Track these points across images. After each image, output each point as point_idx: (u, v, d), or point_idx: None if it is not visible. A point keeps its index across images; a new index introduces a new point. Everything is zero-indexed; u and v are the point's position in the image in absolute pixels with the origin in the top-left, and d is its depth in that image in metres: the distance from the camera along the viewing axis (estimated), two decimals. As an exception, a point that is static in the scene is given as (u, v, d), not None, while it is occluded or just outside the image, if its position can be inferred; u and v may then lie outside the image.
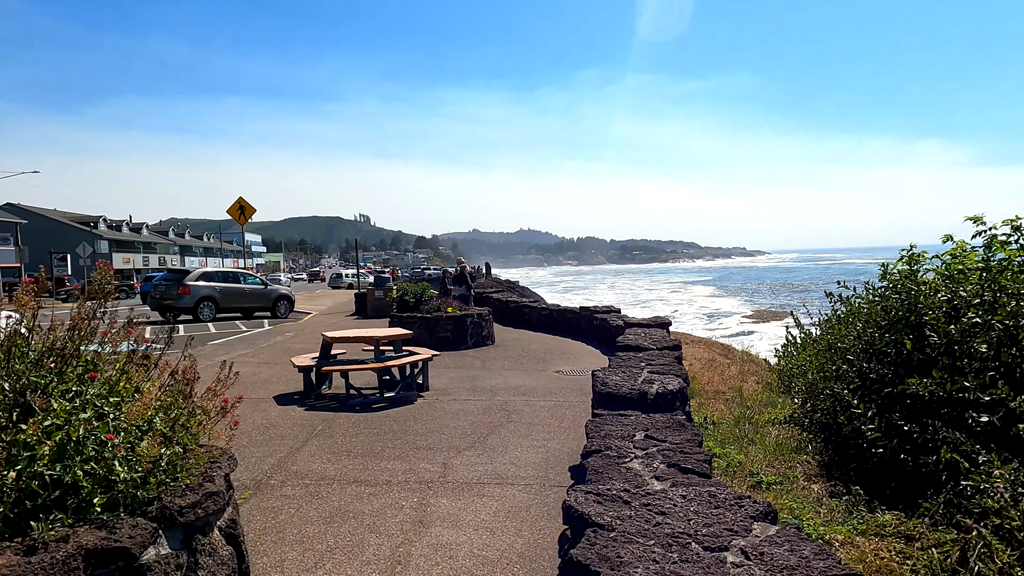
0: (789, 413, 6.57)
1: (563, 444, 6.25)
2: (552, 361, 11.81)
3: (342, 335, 8.48)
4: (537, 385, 9.39)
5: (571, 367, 11.23)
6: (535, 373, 10.59)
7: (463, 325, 13.50)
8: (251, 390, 8.90)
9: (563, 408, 7.80)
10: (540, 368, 11.11)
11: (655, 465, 3.49)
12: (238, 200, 26.89)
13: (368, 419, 7.23)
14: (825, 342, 5.92)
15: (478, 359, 12.06)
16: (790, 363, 8.15)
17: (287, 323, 20.45)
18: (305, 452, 5.94)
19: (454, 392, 8.83)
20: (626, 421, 4.46)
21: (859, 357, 5.05)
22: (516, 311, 17.80)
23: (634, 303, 76.39)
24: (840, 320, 6.19)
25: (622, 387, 5.15)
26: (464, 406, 7.89)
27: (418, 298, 14.97)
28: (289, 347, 13.79)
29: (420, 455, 5.85)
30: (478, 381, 9.75)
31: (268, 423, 7.06)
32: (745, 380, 9.04)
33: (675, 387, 5.03)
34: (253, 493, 4.84)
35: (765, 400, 7.49)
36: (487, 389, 9.06)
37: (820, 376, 5.70)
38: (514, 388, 9.13)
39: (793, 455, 5.41)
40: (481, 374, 10.42)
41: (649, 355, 7.76)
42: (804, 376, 6.69)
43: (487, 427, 6.86)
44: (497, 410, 7.68)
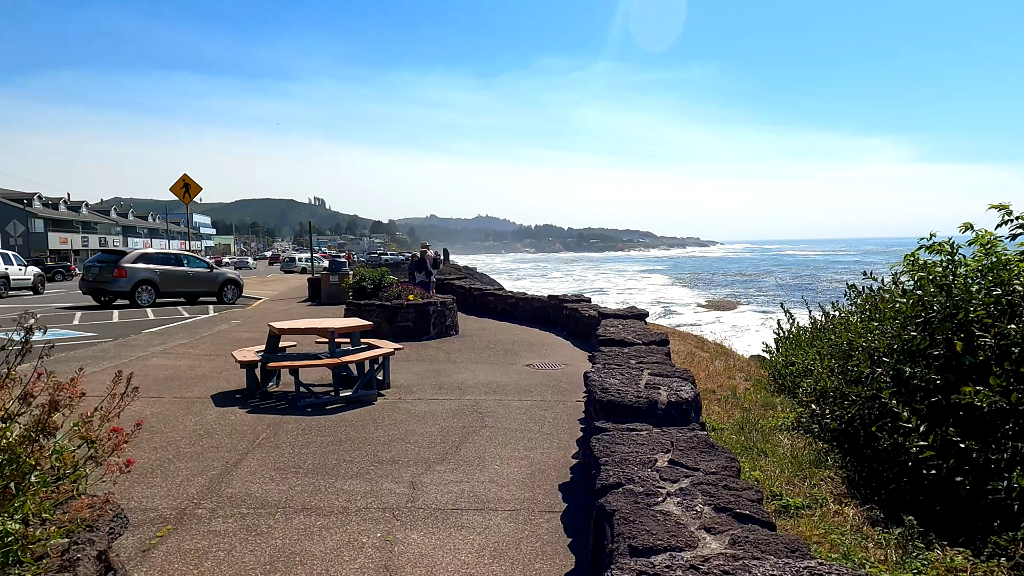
0: (795, 417, 5.92)
1: (547, 454, 5.43)
2: (521, 353, 10.99)
3: (292, 326, 7.45)
4: (509, 381, 8.55)
5: (542, 360, 10.44)
6: (505, 367, 9.75)
7: (426, 314, 12.56)
8: (186, 387, 7.79)
9: (541, 409, 6.99)
10: (509, 361, 10.28)
11: (698, 507, 2.68)
12: (182, 177, 25.16)
13: (321, 424, 6.27)
14: (844, 339, 5.26)
15: (442, 351, 11.16)
16: (787, 360, 7.54)
17: (234, 309, 19.08)
18: (244, 468, 4.96)
19: (419, 390, 7.91)
20: (639, 439, 3.66)
21: (895, 359, 4.38)
22: (480, 299, 16.92)
23: (591, 291, 76.30)
24: (862, 316, 5.54)
25: (626, 394, 4.34)
26: (431, 407, 7.00)
27: (377, 284, 13.93)
28: (234, 336, 12.59)
29: (383, 471, 4.93)
30: (444, 376, 8.85)
31: (202, 429, 6.01)
32: (733, 377, 8.41)
33: (688, 395, 4.25)
34: (174, 528, 3.86)
35: (762, 401, 6.85)
36: (455, 386, 8.18)
37: (841, 379, 5.02)
38: (484, 385, 8.27)
39: (813, 470, 4.72)
40: (447, 368, 9.53)
41: (637, 351, 7.01)
42: (810, 376, 6.04)
43: (459, 433, 5.98)
44: (468, 412, 6.80)
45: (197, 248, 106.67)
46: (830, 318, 7.22)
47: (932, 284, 4.51)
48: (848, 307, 6.53)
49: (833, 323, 6.68)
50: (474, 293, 17.27)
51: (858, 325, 5.27)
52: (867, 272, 5.59)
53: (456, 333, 13.15)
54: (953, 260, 4.60)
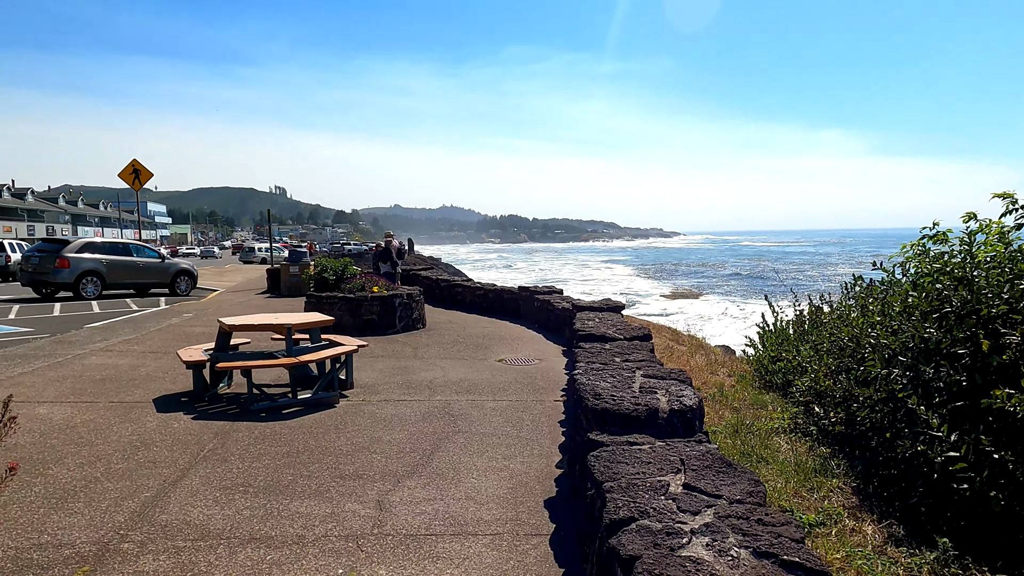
0: (790, 417, 5.54)
1: (528, 464, 4.92)
2: (493, 348, 10.46)
3: (244, 322, 6.76)
4: (481, 379, 8.02)
5: (515, 355, 9.93)
6: (476, 363, 9.21)
7: (391, 307, 11.91)
8: (125, 390, 7.04)
9: (518, 411, 6.47)
10: (480, 357, 9.74)
11: (733, 552, 2.19)
12: (132, 163, 23.83)
13: (276, 431, 5.63)
14: (846, 334, 4.87)
15: (409, 346, 10.55)
16: (774, 355, 7.17)
17: (188, 302, 18.06)
18: (185, 487, 4.32)
19: (385, 389, 7.31)
20: (643, 455, 3.17)
21: (909, 358, 3.99)
22: (447, 291, 16.31)
23: (556, 281, 76.11)
24: (864, 310, 5.16)
25: (621, 401, 3.85)
26: (399, 409, 6.41)
27: (339, 276, 13.21)
28: (185, 331, 11.75)
29: (345, 488, 4.35)
30: (412, 374, 8.27)
31: (139, 440, 5.32)
32: (716, 372, 8.04)
33: (692, 401, 3.77)
34: (92, 570, 3.22)
35: (751, 400, 6.47)
36: (424, 385, 7.61)
37: (846, 379, 4.62)
38: (455, 384, 7.72)
39: (820, 479, 4.32)
40: (414, 365, 8.94)
41: (620, 347, 6.54)
42: (805, 374, 5.67)
43: (430, 440, 5.42)
44: (440, 415, 6.25)
45: (152, 238, 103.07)
46: (823, 312, 6.87)
47: (949, 277, 4.13)
48: (844, 300, 6.17)
49: (827, 317, 6.32)
50: (441, 284, 16.65)
51: (859, 320, 4.87)
52: (877, 262, 5.20)
53: (423, 326, 12.54)
54: (972, 252, 4.23)
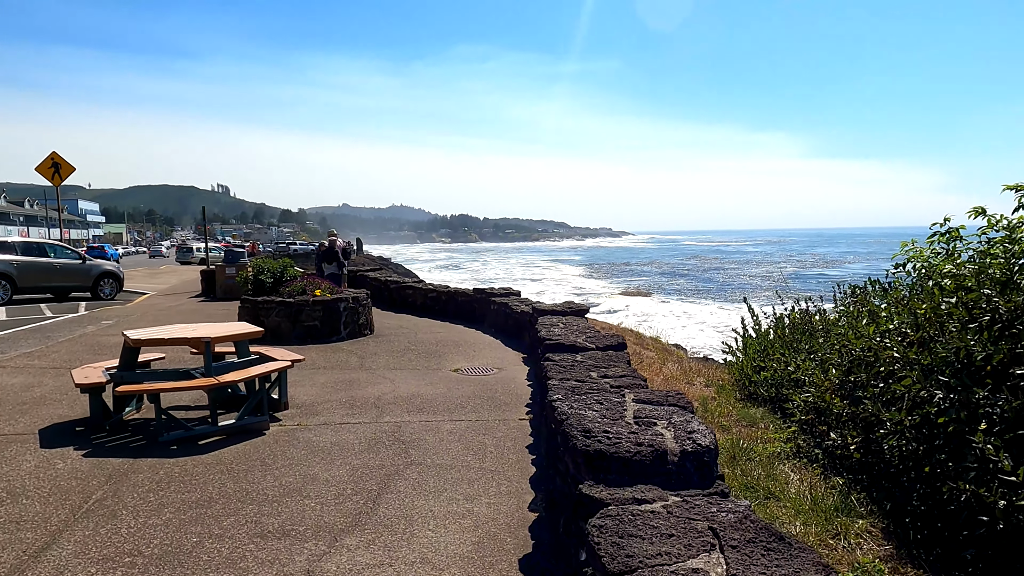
0: (788, 438, 4.88)
1: (495, 506, 4.07)
2: (447, 356, 9.57)
3: (153, 336, 5.67)
4: (435, 394, 7.13)
5: (471, 364, 9.07)
6: (429, 374, 8.31)
7: (335, 311, 10.86)
8: (8, 418, 5.83)
9: (479, 433, 5.62)
10: (434, 366, 8.84)
11: None
12: (50, 156, 21.82)
13: (188, 470, 4.61)
14: (860, 344, 4.21)
15: (355, 355, 9.55)
16: (757, 363, 6.53)
17: (112, 307, 16.46)
18: (49, 562, 3.29)
19: (325, 409, 6.34)
20: (660, 522, 2.36)
21: (951, 376, 3.33)
22: (397, 293, 15.29)
23: (508, 281, 75.43)
24: (873, 316, 4.51)
25: (617, 438, 3.04)
26: (340, 436, 5.46)
27: (278, 278, 12.05)
28: (100, 342, 10.41)
29: (266, 552, 3.41)
30: (357, 389, 7.31)
31: (7, 488, 4.21)
32: (692, 382, 7.38)
33: (706, 440, 3.00)
34: None
35: (739, 415, 5.80)
36: (371, 402, 6.67)
37: (871, 401, 3.92)
38: (406, 400, 6.81)
39: (844, 520, 3.63)
40: (360, 377, 7.97)
41: (594, 359, 5.77)
42: (805, 388, 5.00)
43: (377, 477, 4.51)
44: (389, 441, 5.33)
45: (84, 237, 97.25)
46: (812, 316, 6.26)
47: (990, 280, 3.51)
48: (848, 305, 5.57)
49: (821, 324, 5.70)
50: (391, 286, 15.62)
51: (871, 328, 4.20)
52: (900, 265, 4.56)
53: (371, 332, 11.53)
54: (1013, 251, 3.61)
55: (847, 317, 4.62)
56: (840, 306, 5.94)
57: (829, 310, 6.74)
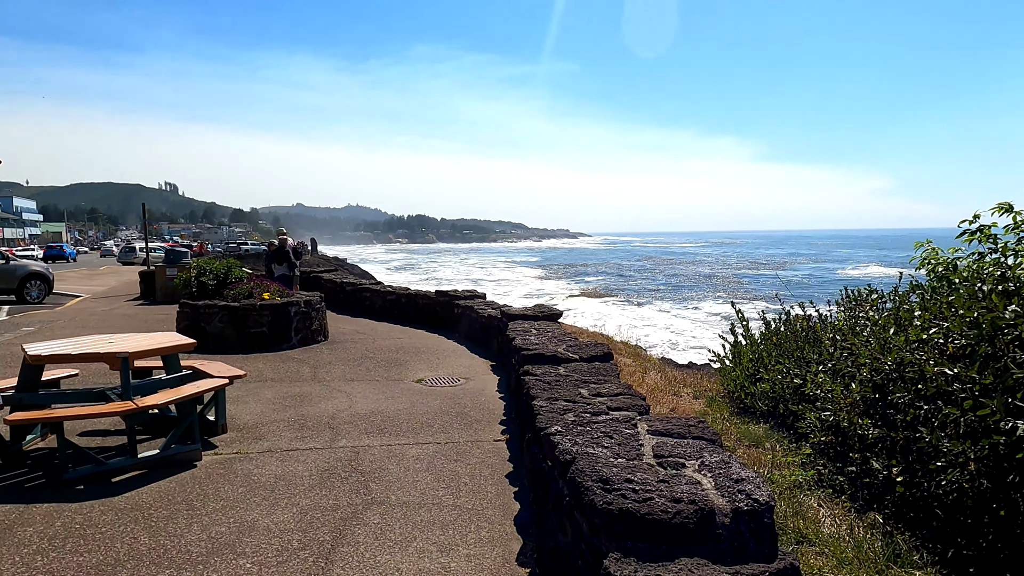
0: (803, 461, 4.28)
1: (478, 559, 3.33)
2: (409, 365, 8.77)
3: (57, 351, 4.70)
4: (398, 410, 6.34)
5: (436, 373, 8.29)
6: (389, 385, 7.50)
7: (285, 316, 9.91)
8: None
9: (450, 460, 4.86)
10: (395, 376, 8.03)
11: None
12: (-29, 147, 19.99)
13: (91, 520, 3.72)
14: (892, 358, 3.60)
15: (307, 365, 8.65)
16: (752, 373, 5.94)
17: (39, 311, 15.00)
18: None
19: (271, 432, 5.48)
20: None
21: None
22: (354, 295, 14.35)
23: (467, 281, 74.49)
24: (899, 323, 3.93)
25: (647, 493, 2.34)
26: (287, 467, 4.62)
27: (222, 279, 11.00)
28: (15, 353, 9.21)
29: (183, 641, 2.60)
30: (309, 405, 6.45)
31: None
32: (678, 394, 6.78)
33: (763, 494, 2.31)
34: None
35: (739, 433, 5.19)
36: (324, 422, 5.83)
37: (928, 429, 3.29)
38: (365, 418, 6.00)
39: (895, 570, 3.03)
40: (313, 391, 7.10)
41: (580, 373, 5.08)
42: (819, 404, 4.40)
43: (331, 523, 3.71)
44: (345, 472, 4.53)
45: (19, 236, 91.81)
46: (814, 322, 5.68)
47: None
48: (866, 309, 5.01)
49: (829, 332, 5.11)
50: (347, 288, 14.65)
51: (898, 337, 3.61)
52: (929, 267, 4.00)
53: (325, 339, 10.61)
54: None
55: (870, 324, 4.08)
56: (842, 310, 5.40)
57: (814, 314, 6.23)
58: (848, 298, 5.45)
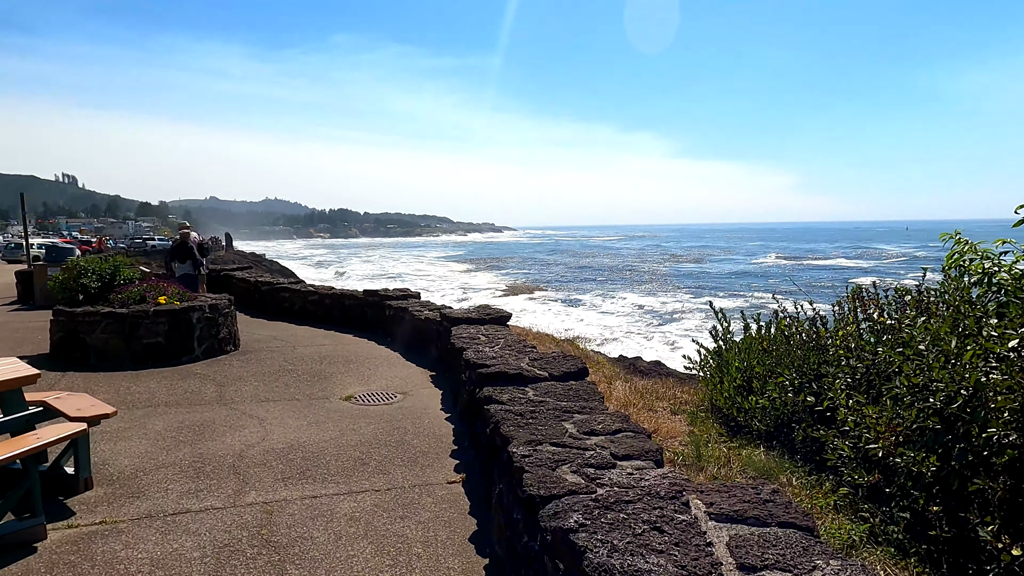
0: (837, 503, 3.45)
1: None
2: (336, 378, 7.51)
3: None
4: (324, 441, 5.12)
5: (368, 388, 7.10)
6: (313, 406, 6.25)
7: (186, 323, 8.38)
8: None
9: (394, 515, 3.74)
10: (319, 393, 6.77)
11: None
12: None
13: None
14: (973, 380, 2.79)
15: (212, 382, 7.22)
16: (740, 382, 5.09)
17: None
18: None
19: (154, 483, 4.16)
20: None
21: None
22: (270, 296, 12.77)
23: (393, 277, 72.29)
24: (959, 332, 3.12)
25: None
26: (170, 545, 3.36)
27: (107, 281, 9.28)
28: None
29: None
30: (210, 439, 5.13)
31: None
32: (653, 408, 5.88)
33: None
34: None
35: (743, 461, 4.28)
36: (228, 464, 4.55)
37: (1003, 467, 2.50)
38: (282, 455, 4.76)
39: None
40: (217, 418, 5.76)
41: (556, 397, 4.07)
42: (846, 430, 3.58)
43: (227, 646, 2.53)
44: (252, 550, 3.31)
45: None
46: (817, 327, 4.83)
47: None
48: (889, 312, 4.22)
49: (837, 340, 4.27)
50: (262, 288, 13.04)
51: (970, 354, 2.82)
52: (959, 264, 3.22)
53: (236, 348, 9.12)
54: None
55: (918, 331, 3.31)
56: (849, 312, 4.63)
57: (808, 313, 5.50)
58: (857, 299, 4.68)
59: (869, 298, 4.57)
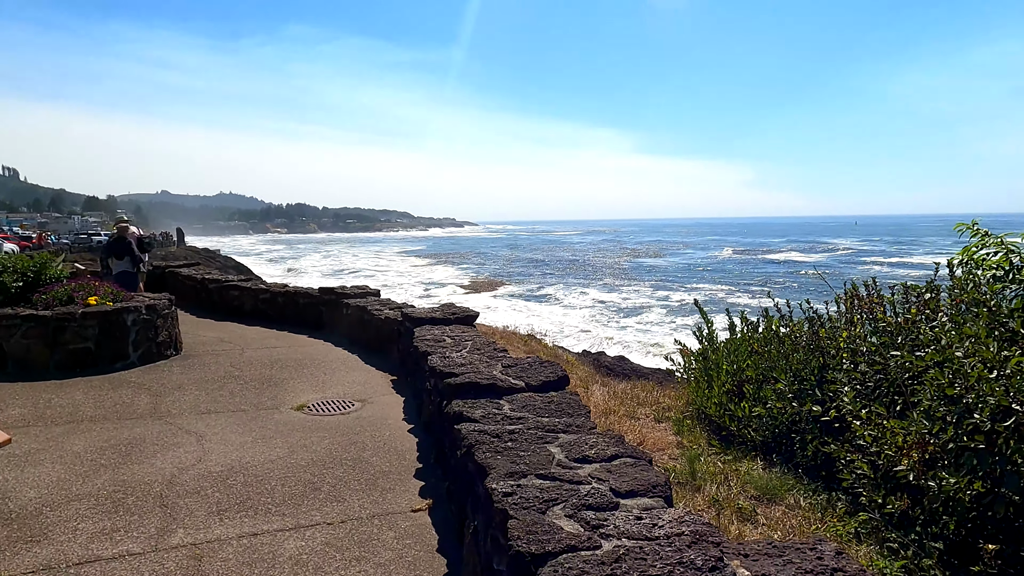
0: (856, 527, 3.02)
1: None
2: (287, 384, 6.85)
3: None
4: (270, 460, 4.50)
5: (322, 395, 6.48)
6: (260, 418, 5.60)
7: (118, 326, 7.56)
8: None
9: (349, 557, 3.16)
10: (268, 402, 6.11)
11: None
12: None
13: None
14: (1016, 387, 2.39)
15: (147, 391, 6.47)
16: (731, 388, 4.63)
17: None
18: None
19: (61, 522, 3.48)
20: None
21: None
22: (219, 295, 11.90)
23: (353, 272, 70.77)
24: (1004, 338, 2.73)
25: None
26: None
27: (31, 280, 8.35)
28: None
29: None
30: (137, 461, 4.44)
31: None
32: (635, 416, 5.40)
33: None
34: None
35: (740, 480, 3.84)
36: (155, 493, 3.90)
37: None
38: (220, 479, 4.12)
39: None
40: (148, 435, 5.06)
41: (536, 411, 3.54)
42: (884, 456, 3.12)
43: None
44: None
45: None
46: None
47: None
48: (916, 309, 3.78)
49: (846, 342, 3.82)
50: (209, 286, 12.15)
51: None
52: (995, 253, 2.84)
53: (177, 352, 8.32)
54: None
55: (946, 335, 2.91)
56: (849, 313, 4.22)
57: (798, 313, 5.12)
58: (855, 296, 4.25)
59: (871, 295, 4.18)
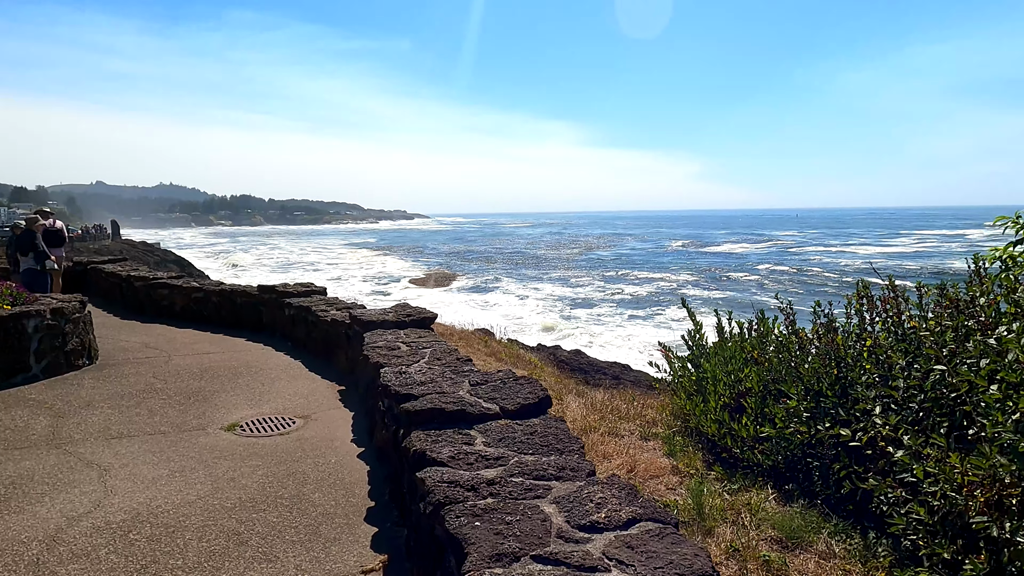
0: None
1: None
2: (218, 397, 5.95)
3: None
4: (188, 502, 3.66)
5: (258, 410, 5.62)
6: (182, 441, 4.72)
7: (16, 333, 6.46)
8: None
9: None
10: (194, 422, 5.22)
11: None
12: None
13: None
14: None
15: (48, 411, 5.46)
16: (726, 398, 4.00)
17: None
18: None
19: None
20: None
21: None
22: (146, 294, 10.71)
23: (302, 266, 68.31)
24: None
25: None
26: None
27: (-90, 281, 7.11)
28: None
29: None
30: (15, 511, 3.53)
31: None
32: (617, 432, 4.75)
33: None
34: None
35: (754, 519, 3.24)
36: (27, 559, 3.02)
37: None
38: (120, 533, 3.27)
39: None
40: (38, 469, 4.12)
41: (518, 447, 2.83)
42: (913, 480, 2.59)
43: None
44: None
45: None
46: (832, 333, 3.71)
47: None
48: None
49: (879, 350, 3.24)
50: (135, 284, 10.93)
51: None
52: None
53: (91, 362, 7.24)
54: None
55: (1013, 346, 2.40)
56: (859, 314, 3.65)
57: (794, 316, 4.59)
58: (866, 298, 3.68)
59: (891, 296, 3.64)
